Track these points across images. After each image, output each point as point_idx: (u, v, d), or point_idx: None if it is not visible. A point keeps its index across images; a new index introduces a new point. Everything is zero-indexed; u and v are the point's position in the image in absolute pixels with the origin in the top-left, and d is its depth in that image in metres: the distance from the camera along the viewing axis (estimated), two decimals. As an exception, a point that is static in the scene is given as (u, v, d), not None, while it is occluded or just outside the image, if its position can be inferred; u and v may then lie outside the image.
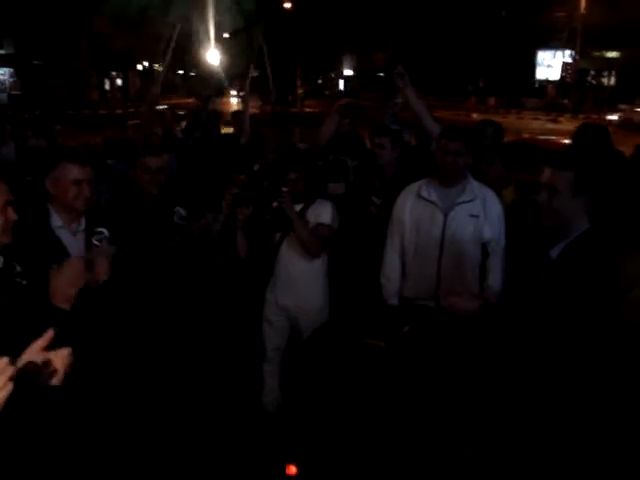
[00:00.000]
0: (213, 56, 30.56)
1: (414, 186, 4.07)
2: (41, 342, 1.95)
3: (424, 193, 3.99)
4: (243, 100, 7.38)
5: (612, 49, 37.75)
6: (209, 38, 28.70)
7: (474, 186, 3.97)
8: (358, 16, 41.81)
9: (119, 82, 49.90)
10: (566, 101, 36.77)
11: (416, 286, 4.04)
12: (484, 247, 3.98)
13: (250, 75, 7.70)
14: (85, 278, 2.59)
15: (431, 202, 3.96)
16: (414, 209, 4.01)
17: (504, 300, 3.83)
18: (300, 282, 4.28)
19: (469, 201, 3.92)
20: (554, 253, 3.00)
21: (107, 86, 48.28)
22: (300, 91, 45.42)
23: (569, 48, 37.19)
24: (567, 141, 15.48)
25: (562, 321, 2.92)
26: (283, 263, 4.27)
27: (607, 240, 2.92)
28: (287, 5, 42.24)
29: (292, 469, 3.60)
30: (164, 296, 3.87)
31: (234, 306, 4.42)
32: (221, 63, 31.23)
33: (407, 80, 4.64)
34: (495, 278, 3.97)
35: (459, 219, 3.91)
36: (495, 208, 3.97)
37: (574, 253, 2.92)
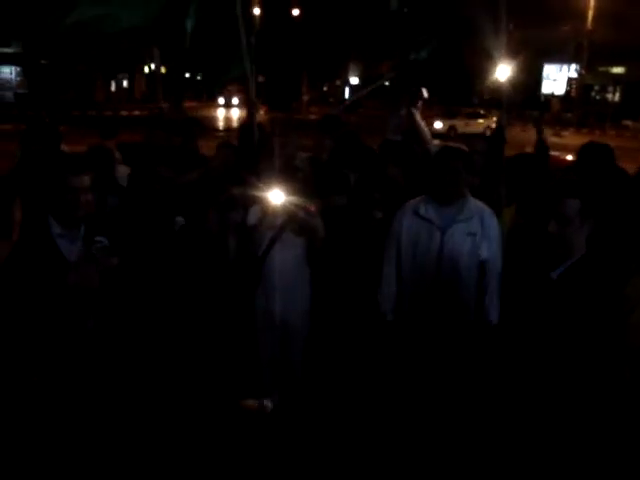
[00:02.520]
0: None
1: (411, 203, 4.09)
2: None
3: (422, 211, 4.00)
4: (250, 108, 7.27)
5: (617, 65, 37.83)
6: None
7: (472, 204, 3.99)
8: (365, 24, 41.82)
9: (125, 84, 49.95)
10: (570, 115, 36.81)
11: (413, 303, 4.04)
12: (481, 266, 3.98)
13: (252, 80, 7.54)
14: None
15: (428, 220, 3.97)
16: (411, 226, 4.03)
17: (502, 320, 3.84)
18: (290, 287, 4.30)
19: (467, 219, 3.94)
20: (555, 274, 3.01)
21: (113, 87, 48.35)
22: (305, 98, 45.44)
23: (575, 63, 37.26)
24: (570, 157, 15.50)
25: (564, 340, 2.93)
26: (273, 269, 4.27)
27: (609, 263, 2.93)
28: (295, 12, 42.29)
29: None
30: (162, 302, 3.89)
31: (224, 311, 4.45)
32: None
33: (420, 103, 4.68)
34: (491, 297, 3.98)
35: (456, 237, 3.92)
36: (493, 227, 3.98)
37: (576, 275, 2.93)
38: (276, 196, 3.99)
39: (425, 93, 4.78)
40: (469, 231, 3.93)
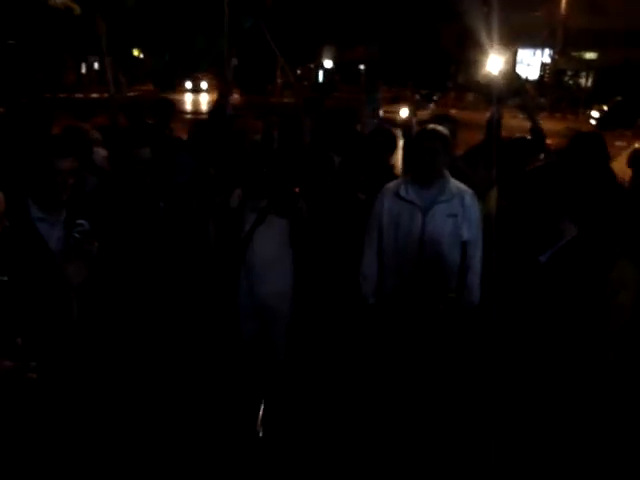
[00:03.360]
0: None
1: (392, 185, 4.08)
2: None
3: (402, 192, 4.00)
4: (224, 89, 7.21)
5: (590, 50, 38.14)
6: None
7: (452, 185, 4.00)
8: (340, 8, 41.60)
9: (96, 66, 49.13)
10: (543, 100, 37.04)
11: (395, 285, 4.03)
12: (462, 246, 3.98)
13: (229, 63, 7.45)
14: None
15: (409, 201, 3.97)
16: (392, 208, 4.02)
17: (485, 301, 3.86)
18: (274, 268, 4.29)
19: (447, 200, 3.95)
20: (543, 258, 3.01)
21: (84, 70, 47.55)
22: (279, 81, 45.12)
23: (548, 47, 37.49)
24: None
25: (551, 322, 2.94)
26: (257, 251, 4.24)
27: (595, 247, 2.94)
28: (268, -5, 41.88)
29: None
30: (145, 285, 3.83)
31: (207, 293, 4.41)
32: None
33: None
34: (473, 278, 4.01)
35: (438, 218, 3.93)
36: (474, 208, 4.00)
37: (564, 258, 2.93)
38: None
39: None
40: (450, 212, 3.94)
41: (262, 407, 4.36)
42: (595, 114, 29.86)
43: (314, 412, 4.30)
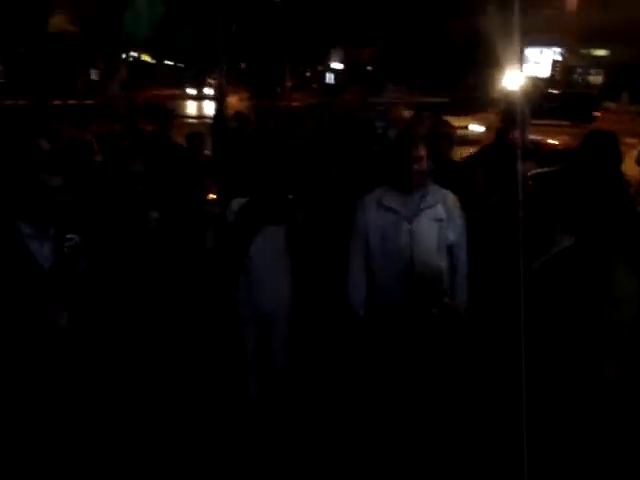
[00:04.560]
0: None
1: (373, 195, 4.02)
2: None
3: (385, 202, 3.93)
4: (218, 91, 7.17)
5: (600, 47, 37.85)
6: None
7: (434, 190, 3.96)
8: (348, 9, 41.60)
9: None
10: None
11: (388, 294, 3.99)
12: (448, 250, 3.97)
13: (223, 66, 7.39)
14: None
15: (394, 211, 3.90)
16: (377, 218, 3.96)
17: (476, 306, 3.83)
18: (272, 276, 4.27)
19: (432, 205, 3.91)
20: (536, 265, 2.98)
21: (93, 76, 47.74)
22: (288, 84, 45.16)
23: (557, 45, 37.25)
24: (552, 141, 15.46)
25: (543, 331, 2.90)
26: (255, 261, 4.23)
27: (591, 256, 2.89)
28: (276, -3, 41.96)
29: None
30: (140, 297, 3.83)
31: (205, 304, 4.41)
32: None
33: None
34: (461, 280, 3.98)
35: (424, 225, 3.90)
36: (457, 210, 3.99)
37: (557, 267, 2.90)
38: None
39: None
40: (435, 217, 3.91)
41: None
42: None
43: (313, 417, 4.30)
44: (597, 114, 25.86)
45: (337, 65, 58.83)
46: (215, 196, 4.26)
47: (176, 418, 4.18)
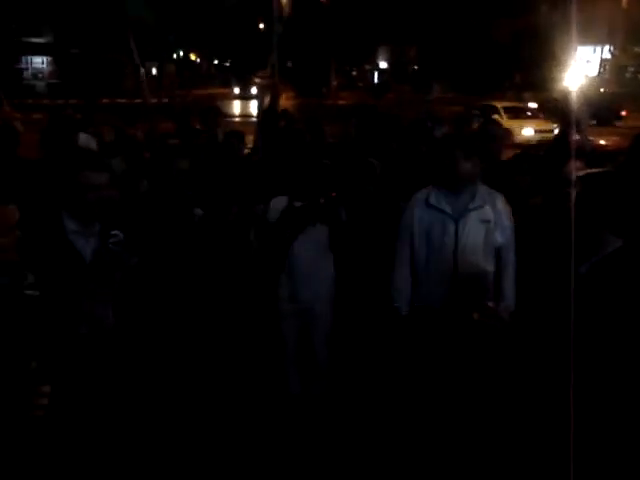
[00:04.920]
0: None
1: (422, 194, 3.98)
2: None
3: (433, 201, 3.90)
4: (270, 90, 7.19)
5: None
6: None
7: (482, 191, 3.89)
8: (394, 8, 41.45)
9: (154, 71, 50.17)
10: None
11: (430, 294, 3.96)
12: (497, 252, 3.90)
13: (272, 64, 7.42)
14: None
15: (441, 210, 3.87)
16: (423, 218, 3.93)
17: (524, 311, 3.75)
18: (315, 273, 4.27)
19: (479, 207, 3.85)
20: (584, 269, 2.90)
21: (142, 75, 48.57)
22: (334, 83, 45.17)
23: (609, 44, 36.42)
24: (602, 142, 15.10)
25: (596, 334, 2.83)
26: (298, 258, 4.23)
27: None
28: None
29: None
30: (182, 295, 3.87)
31: (247, 302, 4.44)
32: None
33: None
34: (508, 283, 3.90)
35: (471, 226, 3.83)
36: (505, 213, 3.90)
37: (605, 270, 2.82)
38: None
39: None
40: (483, 218, 3.83)
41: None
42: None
43: (352, 413, 4.30)
44: (623, 113, 25.18)
45: (382, 64, 58.68)
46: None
47: (219, 414, 4.20)
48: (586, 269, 2.90)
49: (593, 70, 39.53)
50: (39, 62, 41.72)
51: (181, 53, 49.36)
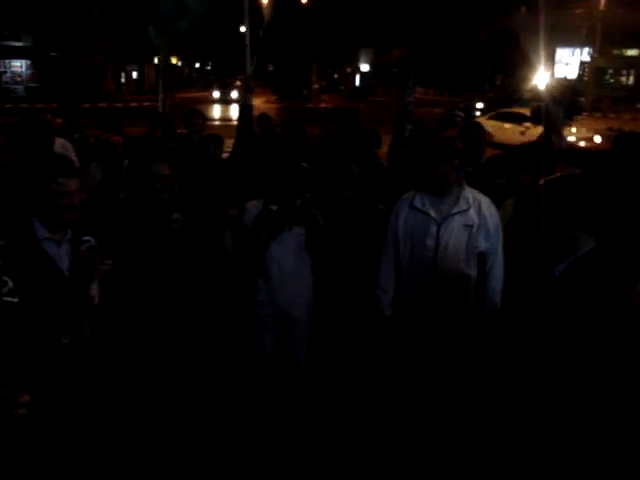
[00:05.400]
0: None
1: (408, 196, 4.00)
2: None
3: (417, 203, 3.92)
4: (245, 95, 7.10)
5: (631, 47, 37.32)
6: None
7: (468, 194, 3.90)
8: (376, 11, 41.56)
9: (135, 75, 50.00)
10: (583, 100, 36.37)
11: (412, 296, 3.98)
12: (480, 257, 3.90)
13: (250, 70, 7.34)
14: None
15: (424, 213, 3.89)
16: (408, 219, 3.95)
17: (503, 313, 3.77)
18: (293, 277, 4.24)
19: (463, 211, 3.85)
20: (558, 270, 2.91)
21: (123, 79, 48.40)
22: (316, 86, 45.19)
23: (588, 46, 36.78)
24: (582, 144, 15.22)
25: (568, 336, 2.83)
26: (275, 262, 4.20)
27: (614, 261, 2.82)
28: (304, -1, 41.98)
29: None
30: (161, 300, 3.84)
31: (225, 305, 4.41)
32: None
33: None
34: (494, 285, 3.91)
35: (452, 229, 3.84)
36: (490, 216, 3.90)
37: (579, 272, 2.83)
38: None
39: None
40: (466, 223, 3.84)
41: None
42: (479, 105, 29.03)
43: (331, 419, 4.29)
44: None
45: (364, 67, 58.85)
46: None
47: (195, 420, 4.17)
48: (563, 269, 2.91)
49: (572, 73, 39.95)
50: (18, 66, 41.33)
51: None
